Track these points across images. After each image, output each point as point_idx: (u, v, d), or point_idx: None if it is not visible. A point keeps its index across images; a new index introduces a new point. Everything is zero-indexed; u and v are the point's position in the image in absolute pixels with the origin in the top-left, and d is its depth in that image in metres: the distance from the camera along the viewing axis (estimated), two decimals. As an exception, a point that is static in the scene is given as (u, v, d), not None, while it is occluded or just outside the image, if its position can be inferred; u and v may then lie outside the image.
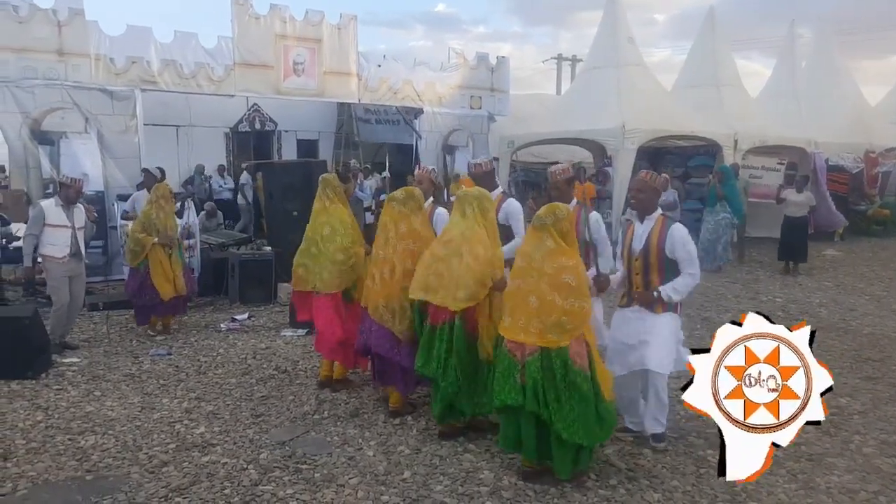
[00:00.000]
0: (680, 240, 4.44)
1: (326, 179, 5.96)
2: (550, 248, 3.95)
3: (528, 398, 3.89)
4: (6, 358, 6.00)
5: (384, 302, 4.95)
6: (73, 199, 6.91)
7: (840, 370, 6.29)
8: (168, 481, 4.18)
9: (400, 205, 5.06)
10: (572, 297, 3.88)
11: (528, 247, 4.10)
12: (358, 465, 4.39)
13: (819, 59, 18.28)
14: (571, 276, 3.91)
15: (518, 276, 4.06)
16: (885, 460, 4.49)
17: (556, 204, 4.23)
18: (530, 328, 3.93)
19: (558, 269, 3.90)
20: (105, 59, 9.88)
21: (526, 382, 3.91)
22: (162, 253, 7.50)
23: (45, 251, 6.81)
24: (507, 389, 3.97)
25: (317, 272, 5.67)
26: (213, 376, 6.22)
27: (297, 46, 11.72)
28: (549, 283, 3.89)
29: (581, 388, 3.89)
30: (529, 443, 4.03)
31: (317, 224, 5.75)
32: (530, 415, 3.94)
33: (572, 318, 3.89)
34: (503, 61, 15.06)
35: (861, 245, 14.85)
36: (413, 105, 13.87)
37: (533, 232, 4.08)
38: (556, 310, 3.87)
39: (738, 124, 14.52)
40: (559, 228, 3.98)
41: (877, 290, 10.19)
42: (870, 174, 16.67)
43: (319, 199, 5.83)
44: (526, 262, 4.04)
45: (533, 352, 3.93)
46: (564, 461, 3.99)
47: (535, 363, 3.91)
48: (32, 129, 9.45)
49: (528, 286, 3.96)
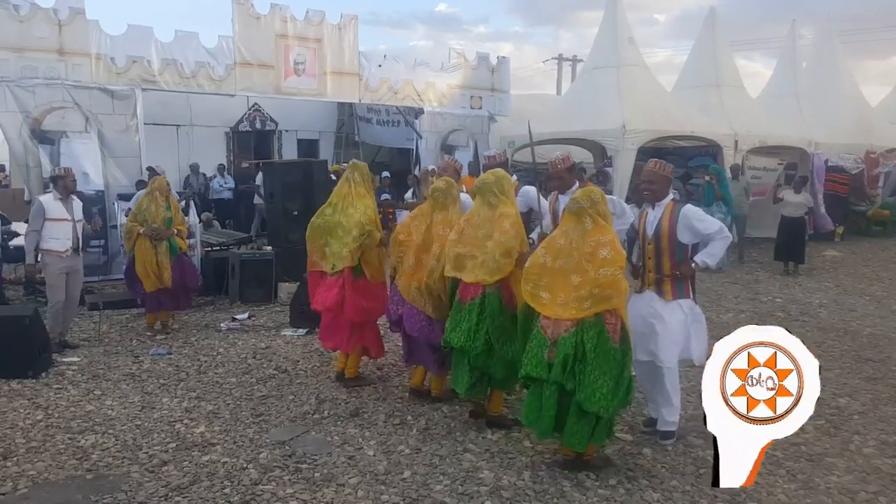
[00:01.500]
0: (693, 216, 4.56)
1: (356, 164, 6.06)
2: (588, 230, 4.13)
3: (554, 370, 4.04)
4: (6, 357, 6.00)
5: (417, 285, 5.15)
6: (70, 189, 6.92)
7: (840, 371, 6.30)
8: (168, 480, 4.18)
9: (442, 195, 5.26)
10: (605, 267, 4.02)
11: (566, 228, 4.25)
12: (358, 464, 4.40)
13: (820, 60, 18.28)
14: (607, 248, 4.07)
15: (557, 256, 4.20)
16: (885, 461, 4.49)
17: (591, 188, 4.41)
18: (570, 304, 4.09)
19: (595, 245, 4.08)
20: (106, 58, 9.88)
21: (555, 357, 4.05)
22: (147, 245, 7.45)
23: (48, 245, 6.81)
24: (535, 363, 4.13)
25: (337, 251, 5.72)
26: (214, 376, 6.23)
27: (298, 46, 11.72)
28: (588, 259, 4.07)
29: (610, 360, 4.01)
30: (547, 416, 4.12)
31: (342, 205, 5.79)
32: (554, 388, 4.06)
33: (604, 287, 4.01)
34: (504, 61, 15.06)
35: (861, 246, 14.85)
36: (413, 105, 13.87)
37: (570, 216, 4.23)
38: (590, 281, 4.04)
39: (738, 125, 14.53)
40: (597, 211, 4.15)
41: (877, 290, 10.20)
42: (870, 175, 16.67)
43: (347, 181, 5.88)
44: (566, 242, 4.19)
45: (568, 328, 4.07)
46: (581, 434, 4.08)
47: (570, 339, 4.05)
48: (33, 129, 9.45)
49: (570, 266, 4.12)
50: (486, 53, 14.84)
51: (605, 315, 4.03)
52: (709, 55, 15.94)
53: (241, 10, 11.00)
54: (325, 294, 5.79)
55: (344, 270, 5.68)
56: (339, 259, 5.69)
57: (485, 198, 4.83)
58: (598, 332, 4.01)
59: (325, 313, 5.87)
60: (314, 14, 11.88)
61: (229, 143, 16.10)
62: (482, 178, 5.02)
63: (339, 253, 5.69)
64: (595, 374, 3.97)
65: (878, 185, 16.98)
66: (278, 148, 16.60)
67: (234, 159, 16.19)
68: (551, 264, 4.22)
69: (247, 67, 11.16)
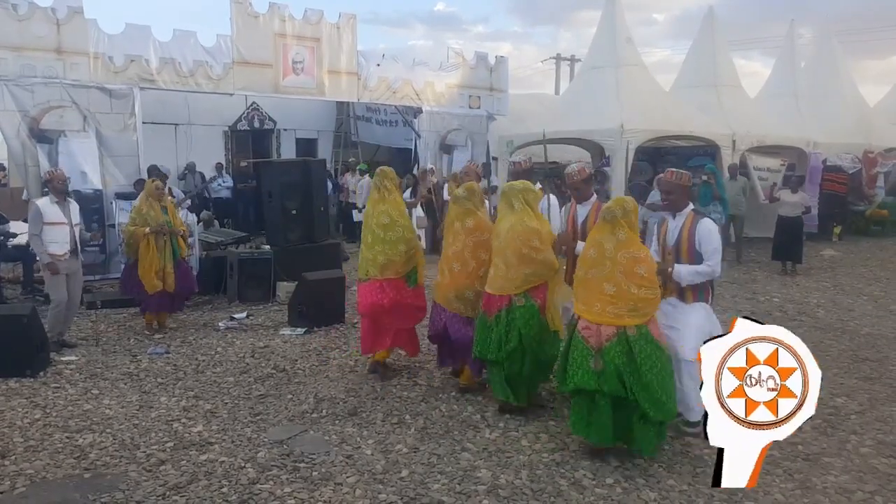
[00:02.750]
0: (706, 234, 4.70)
1: (384, 171, 6.08)
2: (622, 240, 4.21)
3: (608, 381, 4.13)
4: (4, 356, 6.01)
5: (455, 294, 5.34)
6: (60, 190, 6.89)
7: (837, 370, 6.30)
8: (166, 480, 4.19)
9: (465, 201, 5.37)
10: (645, 287, 4.18)
11: (598, 237, 4.33)
12: (356, 463, 4.40)
13: (819, 59, 18.30)
14: (643, 267, 4.20)
15: (590, 266, 4.30)
16: (882, 460, 4.50)
17: (624, 197, 4.48)
18: (606, 313, 4.20)
19: (631, 260, 4.18)
20: (104, 57, 9.87)
21: (604, 367, 4.14)
22: (153, 245, 7.44)
23: (47, 249, 6.80)
24: (581, 374, 4.21)
25: (370, 258, 5.77)
26: (212, 375, 6.23)
27: (297, 45, 11.71)
28: (624, 273, 4.16)
29: (662, 365, 4.16)
30: (605, 426, 4.22)
31: (375, 213, 5.83)
32: (607, 398, 4.16)
33: (645, 306, 4.20)
34: (502, 61, 15.06)
35: (859, 245, 14.86)
36: (412, 104, 13.87)
37: (603, 224, 4.30)
38: (632, 298, 4.16)
39: (736, 124, 14.54)
40: (629, 220, 4.24)
41: (875, 290, 10.21)
42: (869, 174, 16.69)
43: (378, 190, 5.94)
44: (598, 251, 4.27)
45: (610, 336, 4.18)
46: (649, 439, 4.23)
47: (615, 348, 4.15)
48: (31, 128, 9.43)
49: (602, 275, 4.22)
50: (485, 53, 14.85)
51: (648, 323, 4.23)
52: (707, 55, 15.96)
53: (239, 9, 10.99)
54: (366, 299, 5.83)
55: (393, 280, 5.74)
56: (373, 266, 5.75)
57: (508, 202, 4.94)
58: (645, 338, 4.17)
59: (365, 319, 5.98)
60: (313, 13, 11.87)
61: (227, 142, 16.09)
62: (510, 182, 5.20)
63: (374, 260, 5.74)
64: (654, 382, 4.11)
65: (876, 185, 16.99)
66: (277, 147, 16.60)
67: (232, 158, 16.19)
68: (583, 275, 4.35)
69: (245, 66, 11.15)
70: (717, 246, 4.70)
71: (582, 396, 4.31)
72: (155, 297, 7.51)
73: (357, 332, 7.56)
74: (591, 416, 4.27)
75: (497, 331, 4.86)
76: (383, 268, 5.71)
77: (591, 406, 4.27)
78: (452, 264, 5.35)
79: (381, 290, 5.74)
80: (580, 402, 4.34)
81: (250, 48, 11.17)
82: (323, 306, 7.83)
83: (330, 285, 8.03)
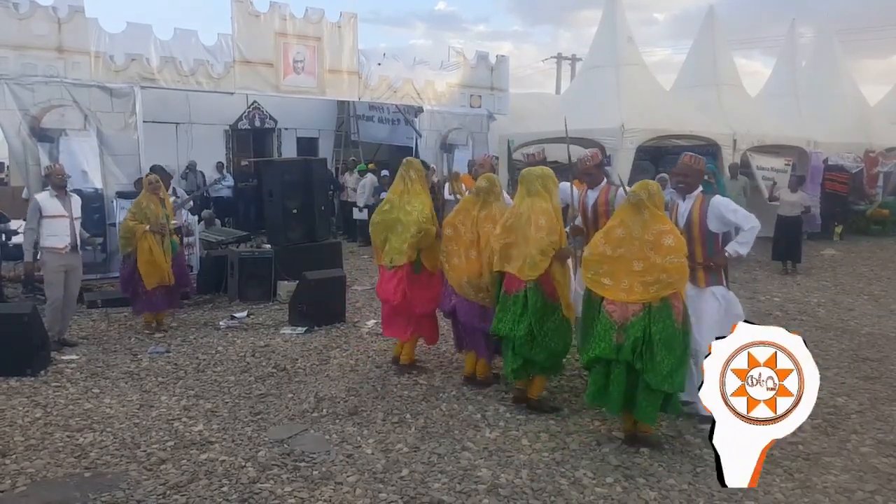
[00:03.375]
0: (724, 207, 4.86)
1: (410, 161, 6.27)
2: (647, 220, 4.39)
3: (623, 351, 4.29)
4: (5, 355, 6.00)
5: (467, 279, 5.46)
6: (59, 185, 6.90)
7: (838, 370, 6.30)
8: (166, 479, 4.19)
9: (485, 193, 5.53)
10: (671, 255, 4.32)
11: (625, 218, 4.48)
12: (356, 462, 4.40)
13: (819, 59, 18.29)
14: (670, 237, 4.36)
15: (618, 244, 4.45)
16: (882, 460, 4.50)
17: (647, 181, 4.63)
18: (634, 289, 4.35)
19: (658, 233, 4.36)
20: (105, 56, 9.87)
21: (624, 340, 4.30)
22: (153, 240, 7.46)
23: (46, 243, 6.81)
24: (602, 346, 4.39)
25: (396, 247, 5.92)
26: (212, 374, 6.23)
27: (297, 44, 11.71)
28: (652, 247, 4.34)
29: (675, 341, 4.29)
30: (617, 394, 4.37)
31: (400, 202, 5.99)
32: (622, 367, 4.33)
33: (671, 273, 4.32)
34: (503, 60, 15.05)
35: (860, 245, 14.86)
36: (413, 103, 13.87)
37: (629, 206, 4.48)
38: (657, 268, 4.31)
39: (737, 124, 14.53)
40: (653, 202, 4.41)
41: (875, 289, 10.21)
42: (870, 174, 16.68)
43: (402, 180, 6.11)
44: (625, 231, 4.44)
45: (636, 311, 4.34)
46: (651, 409, 4.37)
47: (639, 323, 4.31)
48: (32, 127, 9.43)
49: (631, 253, 4.39)
50: (486, 52, 14.84)
51: (671, 298, 4.33)
52: (708, 54, 15.95)
53: (240, 8, 10.99)
54: (385, 286, 6.05)
55: (403, 266, 5.88)
56: (399, 254, 5.90)
57: (526, 187, 5.05)
58: (666, 315, 4.30)
59: (385, 305, 6.16)
60: (313, 12, 11.87)
61: (228, 142, 16.09)
62: (529, 168, 5.30)
63: (399, 248, 5.90)
64: (661, 356, 4.23)
65: (877, 185, 16.99)
66: (278, 146, 16.59)
67: (233, 157, 16.19)
68: (611, 253, 4.48)
69: (246, 65, 11.14)
70: (739, 210, 4.89)
71: (600, 367, 4.49)
72: (149, 295, 7.52)
73: (357, 332, 7.60)
74: (607, 386, 4.45)
75: (514, 310, 4.97)
76: (402, 254, 5.89)
77: (607, 376, 4.45)
78: (469, 251, 5.47)
79: (395, 279, 5.93)
80: (598, 372, 4.51)
81: (251, 47, 11.16)
82: (324, 305, 7.83)
83: (331, 284, 8.03)
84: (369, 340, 7.26)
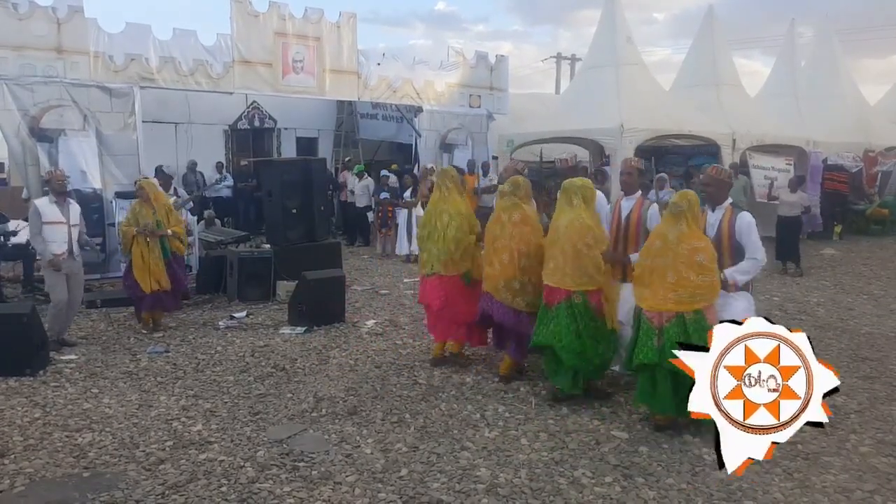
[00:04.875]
0: (746, 227, 4.97)
1: (446, 171, 6.56)
2: (683, 231, 4.59)
3: (666, 356, 4.33)
4: (4, 355, 6.00)
5: (504, 283, 5.59)
6: (59, 190, 6.90)
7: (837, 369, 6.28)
8: (165, 478, 4.18)
9: (511, 196, 5.67)
10: (703, 274, 4.56)
11: (664, 229, 4.72)
12: (355, 462, 4.40)
13: (819, 58, 18.27)
14: (703, 255, 4.57)
15: (654, 256, 4.70)
16: (882, 459, 4.49)
17: (687, 191, 4.87)
18: (668, 299, 4.59)
19: (691, 250, 4.56)
20: (104, 56, 9.87)
21: (664, 344, 4.51)
22: (143, 245, 7.46)
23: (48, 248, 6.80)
24: (646, 351, 4.64)
25: (436, 255, 6.11)
26: (211, 374, 6.23)
27: (297, 44, 11.72)
28: (685, 263, 4.55)
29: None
30: (666, 396, 4.56)
31: (436, 212, 6.20)
32: (666, 372, 4.49)
33: (704, 292, 4.58)
34: (502, 60, 15.05)
35: (859, 244, 14.84)
36: (412, 103, 13.87)
37: (669, 217, 4.70)
38: (691, 285, 4.55)
39: (736, 124, 14.52)
40: (693, 213, 4.64)
41: (874, 289, 10.20)
42: (869, 173, 16.67)
43: (438, 189, 6.32)
44: (662, 242, 4.67)
45: (670, 318, 4.59)
46: None
47: (674, 328, 4.55)
48: (31, 127, 9.43)
49: (665, 265, 4.61)
50: (485, 52, 14.85)
51: (704, 310, 4.56)
52: (707, 54, 15.94)
53: (239, 8, 10.99)
54: (425, 292, 6.27)
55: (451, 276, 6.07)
56: (437, 262, 6.10)
57: (569, 198, 5.24)
58: (699, 322, 4.50)
59: (429, 310, 6.37)
60: (313, 12, 11.88)
61: (228, 141, 16.07)
62: (570, 179, 5.44)
63: (438, 257, 6.09)
64: None
65: (876, 184, 16.98)
66: (277, 146, 16.58)
67: (232, 157, 16.17)
68: (649, 264, 4.73)
69: (245, 65, 11.16)
70: (755, 238, 4.96)
71: (646, 372, 4.72)
72: (150, 295, 7.51)
73: (357, 332, 7.60)
74: (654, 388, 4.67)
75: (557, 322, 5.11)
76: (444, 265, 6.08)
77: (653, 379, 4.67)
78: (502, 255, 5.60)
79: (439, 286, 6.11)
80: (644, 377, 4.76)
81: (250, 47, 11.17)
82: (323, 305, 7.83)
83: (330, 284, 8.02)
84: (368, 340, 7.26)
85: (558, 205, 5.35)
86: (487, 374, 6.08)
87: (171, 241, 7.70)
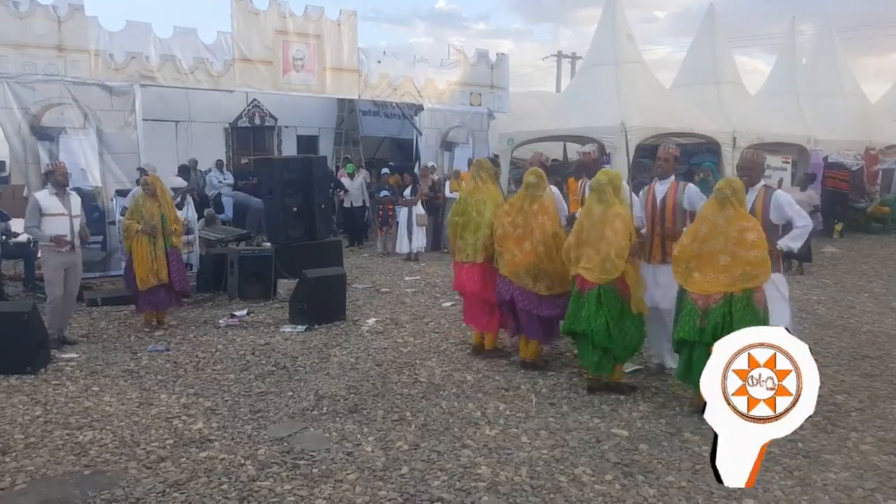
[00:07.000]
0: (785, 202, 5.19)
1: (480, 162, 6.73)
2: (731, 215, 4.74)
3: (706, 334, 4.66)
4: (5, 353, 6.01)
5: (524, 270, 5.81)
6: (61, 183, 6.91)
7: (837, 367, 6.30)
8: (165, 476, 4.19)
9: (533, 188, 5.88)
10: (754, 249, 4.68)
11: (710, 215, 4.85)
12: (356, 460, 4.40)
13: (820, 56, 18.26)
14: (753, 233, 4.71)
15: (703, 241, 4.82)
16: (883, 457, 4.49)
17: (731, 178, 5.07)
18: (719, 281, 4.74)
19: (741, 230, 4.71)
20: (104, 54, 9.88)
21: (706, 324, 4.69)
22: (145, 241, 7.47)
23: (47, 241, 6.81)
24: (687, 329, 4.83)
25: (472, 243, 6.30)
26: (212, 372, 6.23)
27: (297, 42, 11.72)
28: (736, 243, 4.70)
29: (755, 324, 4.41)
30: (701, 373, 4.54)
31: (472, 201, 6.36)
32: (705, 349, 4.45)
33: (756, 266, 4.68)
34: (503, 58, 15.05)
35: (860, 242, 14.84)
36: (413, 101, 13.87)
37: (715, 203, 4.84)
38: (742, 261, 4.68)
39: (737, 122, 14.52)
40: (738, 198, 4.78)
41: (875, 287, 10.19)
42: (870, 171, 16.66)
43: (472, 179, 6.54)
44: (710, 228, 4.80)
45: (717, 300, 4.72)
46: None
47: (720, 310, 4.70)
48: (32, 125, 9.45)
49: (717, 248, 4.76)
50: (486, 50, 14.84)
51: (754, 291, 4.68)
52: (708, 52, 15.93)
53: (239, 6, 11.00)
54: (460, 279, 6.48)
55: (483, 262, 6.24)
56: (473, 249, 6.29)
57: (598, 196, 5.35)
58: (746, 303, 4.65)
59: (466, 296, 6.56)
60: (313, 10, 11.88)
61: (228, 139, 16.09)
62: (596, 178, 5.52)
63: (475, 245, 6.28)
64: None
65: (877, 182, 16.97)
66: (278, 144, 16.60)
67: (233, 155, 16.19)
68: (698, 249, 4.83)
69: (246, 63, 11.16)
70: (797, 207, 5.20)
71: (686, 348, 4.90)
72: (150, 293, 7.52)
73: (358, 330, 7.60)
74: (692, 365, 4.79)
75: (588, 307, 5.26)
76: (478, 251, 6.25)
77: (691, 356, 4.83)
78: (523, 244, 5.80)
79: (473, 272, 6.30)
80: (685, 354, 4.94)
81: (251, 45, 11.17)
82: (324, 303, 7.83)
83: (331, 282, 8.02)
84: (369, 339, 7.27)
85: (588, 200, 5.50)
86: (488, 372, 6.09)
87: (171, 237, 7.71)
